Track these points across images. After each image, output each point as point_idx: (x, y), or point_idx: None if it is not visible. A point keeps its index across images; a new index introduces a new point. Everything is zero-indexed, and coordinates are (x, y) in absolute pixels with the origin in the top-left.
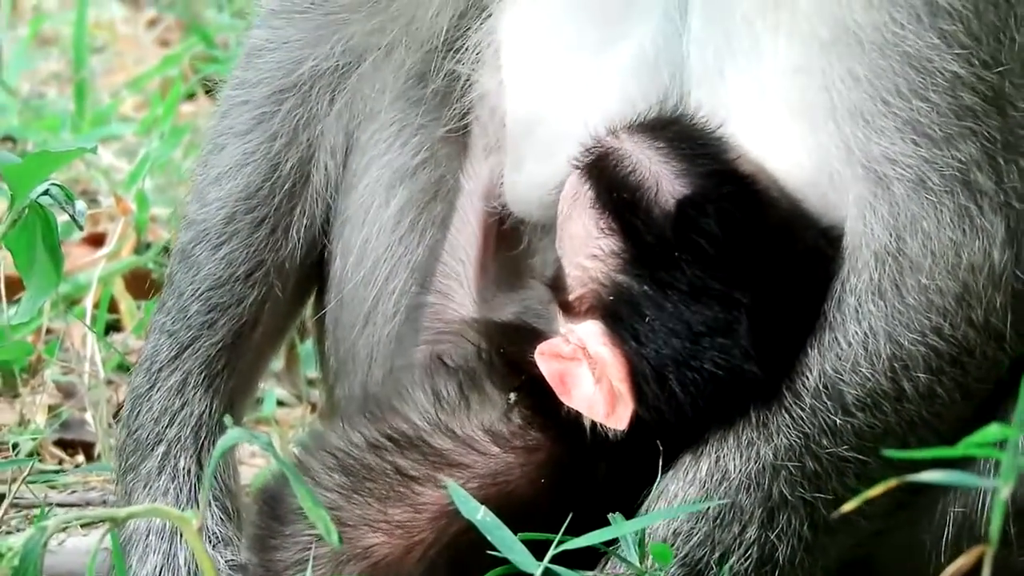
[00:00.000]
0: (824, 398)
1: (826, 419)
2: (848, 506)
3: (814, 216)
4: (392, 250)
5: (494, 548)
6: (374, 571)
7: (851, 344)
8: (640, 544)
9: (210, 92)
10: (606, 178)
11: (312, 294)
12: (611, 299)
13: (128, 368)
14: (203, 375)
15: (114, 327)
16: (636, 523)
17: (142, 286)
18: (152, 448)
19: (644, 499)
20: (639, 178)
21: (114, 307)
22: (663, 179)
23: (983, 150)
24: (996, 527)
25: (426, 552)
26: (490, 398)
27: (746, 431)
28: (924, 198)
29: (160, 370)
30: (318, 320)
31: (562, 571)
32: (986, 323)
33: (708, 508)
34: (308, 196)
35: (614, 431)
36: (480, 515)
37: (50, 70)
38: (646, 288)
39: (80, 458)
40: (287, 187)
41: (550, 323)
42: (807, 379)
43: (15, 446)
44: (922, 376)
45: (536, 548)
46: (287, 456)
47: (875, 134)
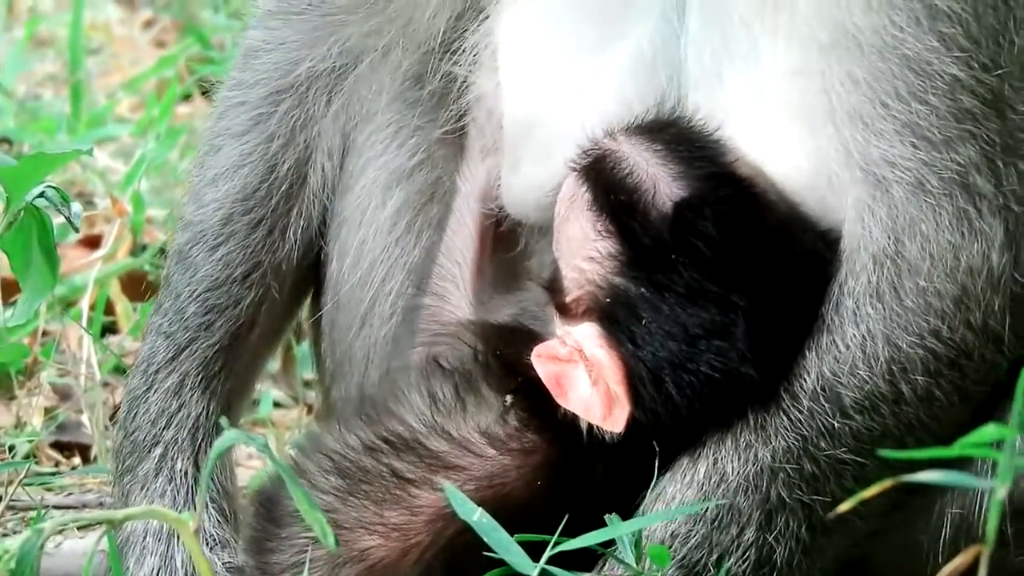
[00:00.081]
0: (822, 400)
1: (824, 421)
2: (844, 506)
3: (812, 219)
4: (388, 252)
5: (490, 550)
6: (370, 574)
7: (849, 347)
8: (637, 545)
9: (206, 93)
10: (603, 180)
11: (309, 296)
12: (608, 301)
13: (124, 370)
14: (200, 377)
15: (110, 329)
16: (632, 524)
17: (138, 288)
18: (149, 450)
19: (641, 501)
20: (636, 180)
21: (110, 309)
22: (660, 181)
23: (982, 153)
24: (993, 527)
25: (422, 555)
26: (486, 400)
27: (744, 433)
28: (923, 201)
29: (157, 372)
30: (314, 322)
31: (559, 572)
32: (984, 326)
33: (706, 510)
34: (305, 197)
35: (610, 433)
36: (476, 516)
37: (46, 72)
38: (643, 290)
39: (76, 460)
40: (284, 188)
41: (546, 325)
42: (805, 381)
43: (11, 448)
44: (920, 379)
45: (532, 550)
46: (283, 458)
47: (874, 137)
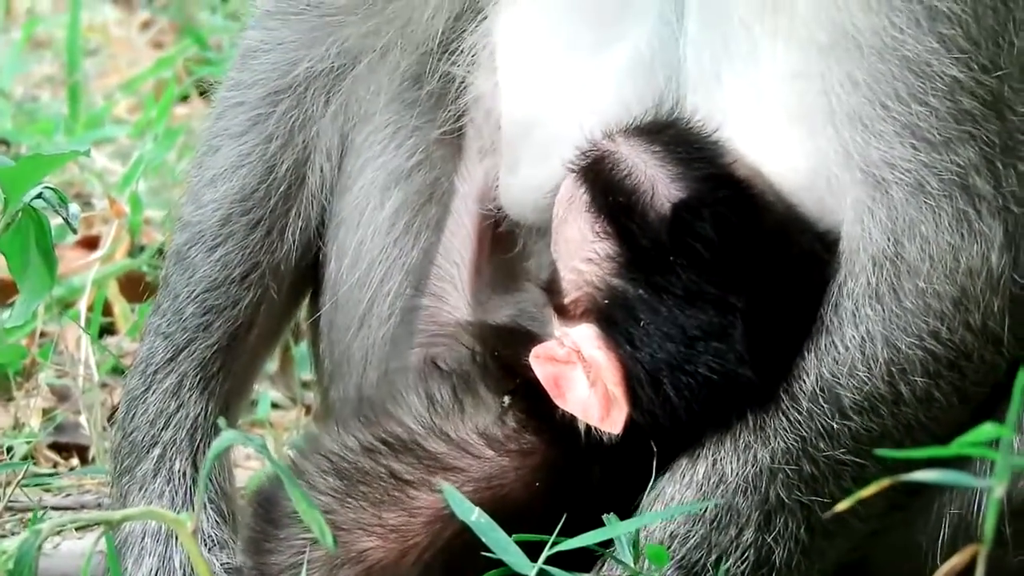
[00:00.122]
0: (821, 402)
1: (823, 422)
2: (842, 505)
3: (810, 221)
4: (387, 252)
5: (488, 551)
6: (368, 575)
7: (848, 348)
8: (635, 545)
9: (204, 94)
10: (602, 182)
11: (307, 296)
12: (606, 303)
13: (122, 371)
14: (199, 377)
15: (108, 330)
16: (630, 523)
17: (136, 289)
18: (148, 451)
19: (640, 502)
20: (635, 182)
21: (108, 310)
22: (659, 183)
23: (982, 154)
24: (991, 526)
25: (421, 556)
26: (484, 401)
27: (743, 434)
28: (922, 202)
29: (156, 372)
30: (313, 322)
31: (557, 572)
32: (984, 327)
33: (705, 511)
34: (303, 198)
35: (608, 435)
36: (474, 516)
37: (43, 73)
38: (641, 292)
39: (75, 461)
40: (283, 189)
41: (545, 326)
42: (804, 383)
43: (9, 450)
44: (919, 380)
45: (531, 551)
46: (281, 459)
47: (874, 138)
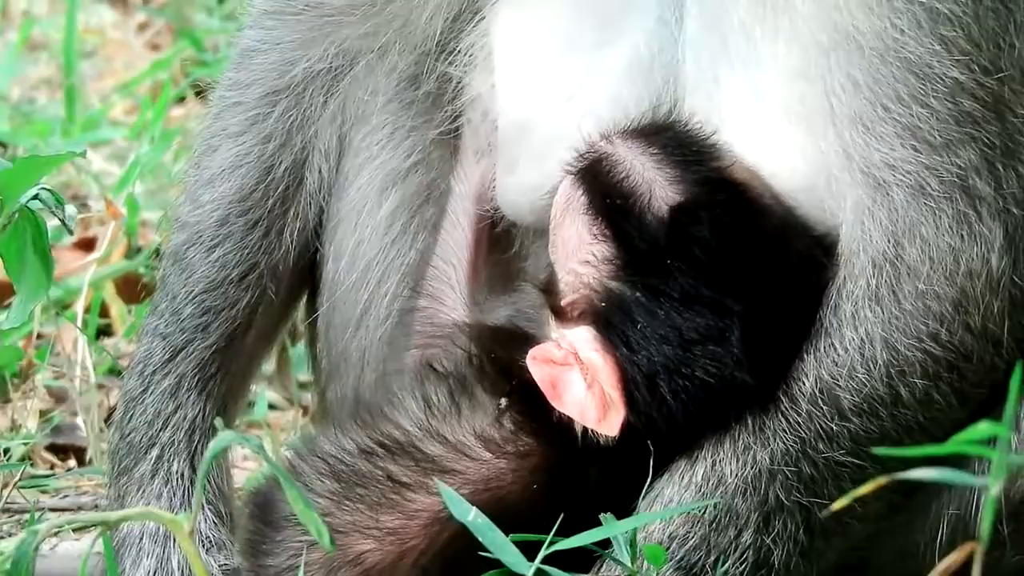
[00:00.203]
0: (820, 403)
1: (822, 424)
2: (839, 504)
3: (809, 223)
4: (384, 253)
5: (486, 553)
6: None
7: (847, 350)
8: (632, 545)
9: (200, 95)
10: (599, 184)
11: (304, 297)
12: (603, 305)
13: (119, 372)
14: (197, 378)
15: (105, 331)
16: (627, 523)
17: (133, 290)
18: (145, 452)
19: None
20: (632, 184)
21: (105, 311)
22: (656, 185)
23: (982, 156)
24: (988, 525)
25: (418, 559)
26: (481, 403)
27: (742, 435)
28: (923, 204)
29: (153, 373)
30: (310, 323)
31: (554, 572)
32: (984, 329)
33: (704, 512)
34: (301, 198)
35: (605, 437)
36: (471, 516)
37: (40, 75)
38: (638, 295)
39: (72, 462)
40: (281, 189)
41: (542, 327)
42: (803, 384)
43: (6, 451)
44: (919, 382)
45: (529, 551)
46: (279, 460)
47: (875, 140)
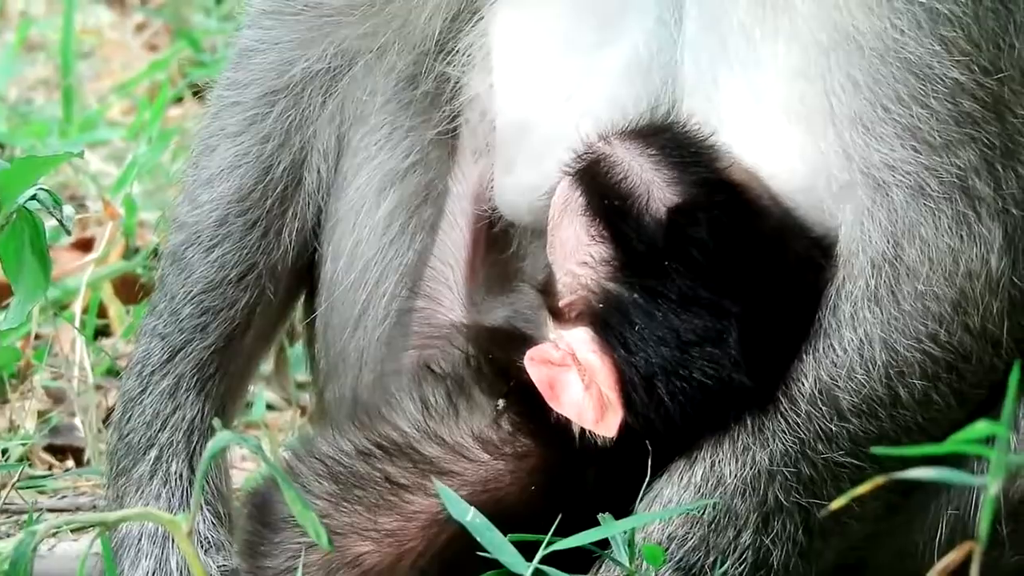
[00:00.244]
0: (819, 404)
1: (821, 425)
2: (838, 502)
3: (807, 225)
4: (382, 253)
5: (484, 552)
6: None
7: (846, 351)
8: (630, 545)
9: (198, 95)
10: (597, 185)
11: (302, 297)
12: (601, 306)
13: (117, 373)
14: (195, 379)
15: (103, 332)
16: (625, 523)
17: (131, 290)
18: (144, 452)
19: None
20: (630, 185)
21: (103, 312)
22: (654, 187)
23: (982, 156)
24: (986, 524)
25: (416, 561)
26: (479, 405)
27: (741, 436)
28: (923, 205)
29: (152, 374)
30: (308, 323)
31: (553, 572)
32: (983, 330)
33: (703, 513)
34: (300, 199)
35: (603, 438)
36: (470, 516)
37: (37, 76)
38: (636, 296)
39: (70, 463)
40: (279, 189)
41: (539, 328)
42: (803, 385)
43: (5, 452)
44: (918, 382)
45: (527, 551)
46: (277, 460)
47: (875, 140)
